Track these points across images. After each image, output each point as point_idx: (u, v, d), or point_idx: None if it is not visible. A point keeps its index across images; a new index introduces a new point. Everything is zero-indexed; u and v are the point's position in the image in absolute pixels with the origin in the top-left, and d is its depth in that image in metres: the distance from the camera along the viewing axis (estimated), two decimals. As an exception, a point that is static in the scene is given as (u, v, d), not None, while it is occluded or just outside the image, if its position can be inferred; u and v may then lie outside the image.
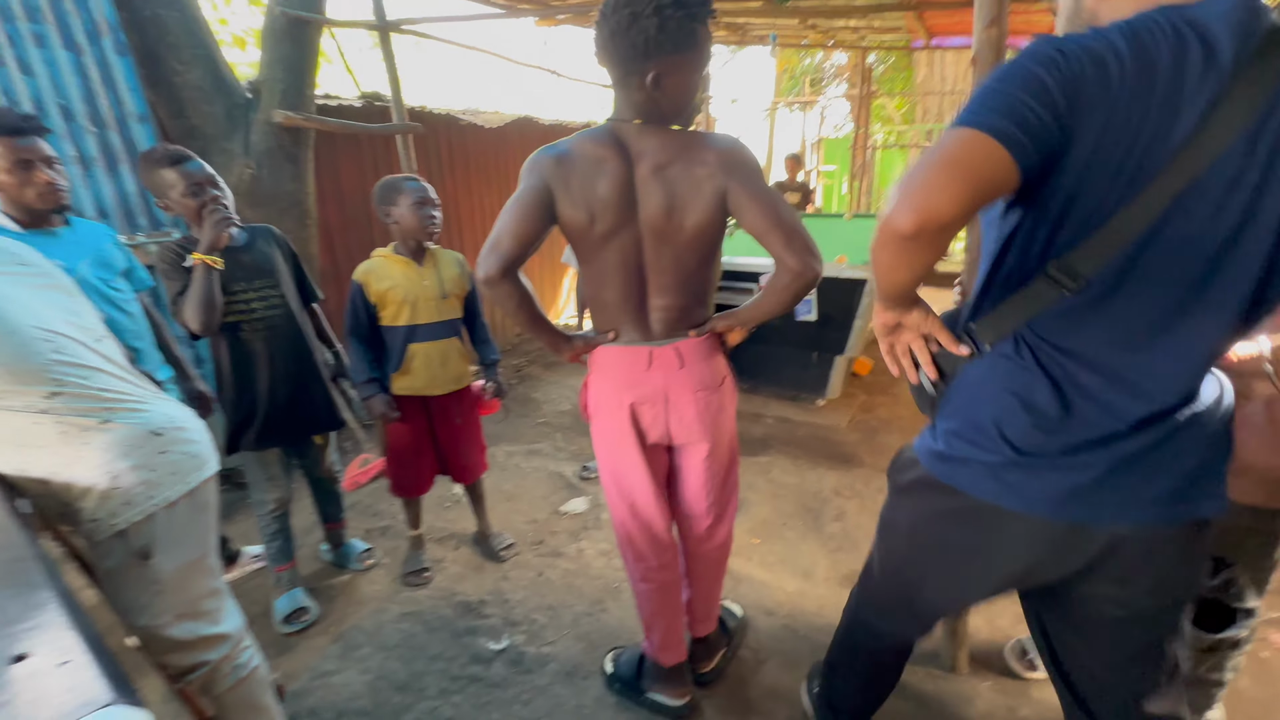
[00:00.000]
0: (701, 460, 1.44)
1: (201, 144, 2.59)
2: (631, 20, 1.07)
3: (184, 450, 1.20)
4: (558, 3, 4.64)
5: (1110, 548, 0.82)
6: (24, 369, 1.01)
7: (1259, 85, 0.63)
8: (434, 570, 2.22)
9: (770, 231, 1.14)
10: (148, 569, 1.13)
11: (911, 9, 4.08)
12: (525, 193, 1.19)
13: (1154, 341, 0.75)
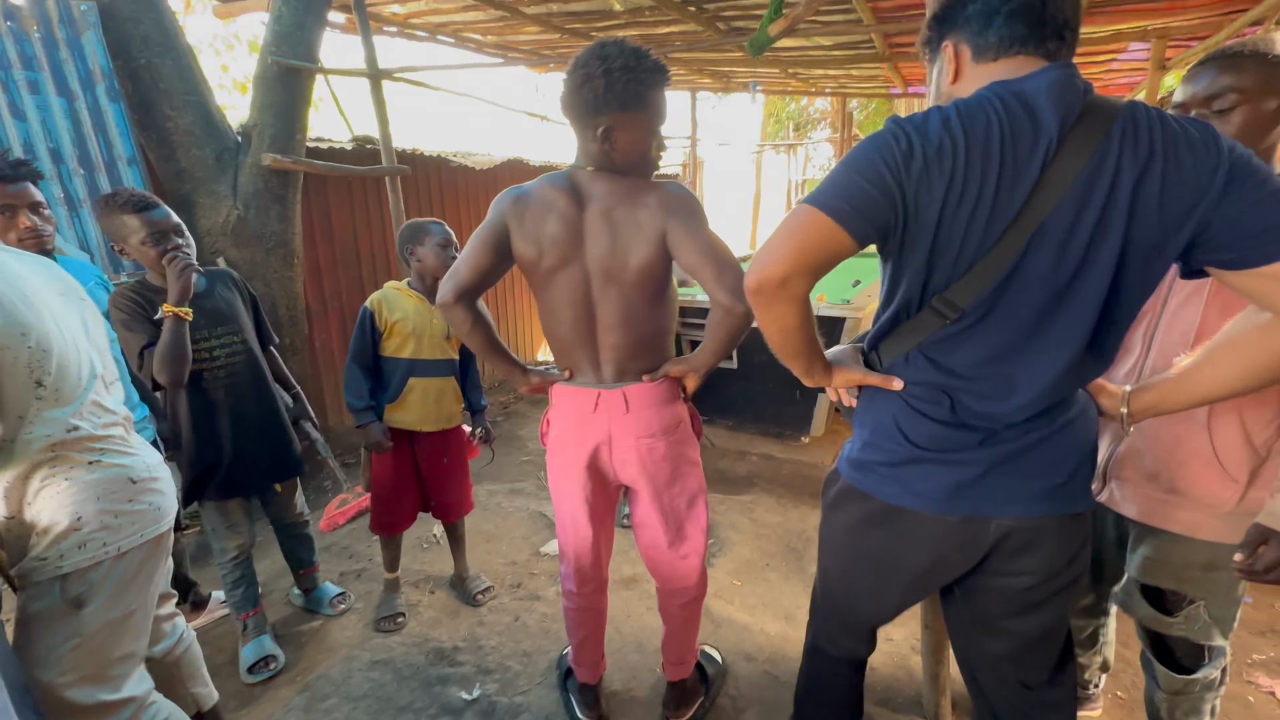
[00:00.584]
0: (648, 504, 1.45)
1: (190, 185, 2.63)
2: (585, 79, 1.17)
3: (150, 501, 1.19)
4: (548, 52, 4.82)
5: (1000, 540, 0.94)
6: (66, 399, 1.07)
7: (1082, 150, 0.76)
8: (408, 615, 2.17)
9: (702, 268, 1.18)
10: (75, 619, 1.08)
11: (885, 61, 4.26)
12: (484, 228, 1.30)
13: (1019, 358, 0.87)
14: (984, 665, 1.09)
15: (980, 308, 0.85)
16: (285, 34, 2.68)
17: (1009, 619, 1.01)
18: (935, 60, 0.94)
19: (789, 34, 2.71)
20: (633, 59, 1.16)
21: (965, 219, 0.81)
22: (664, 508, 1.45)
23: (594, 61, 1.16)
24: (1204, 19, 3.21)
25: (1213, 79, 1.04)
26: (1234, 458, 1.08)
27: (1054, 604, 0.99)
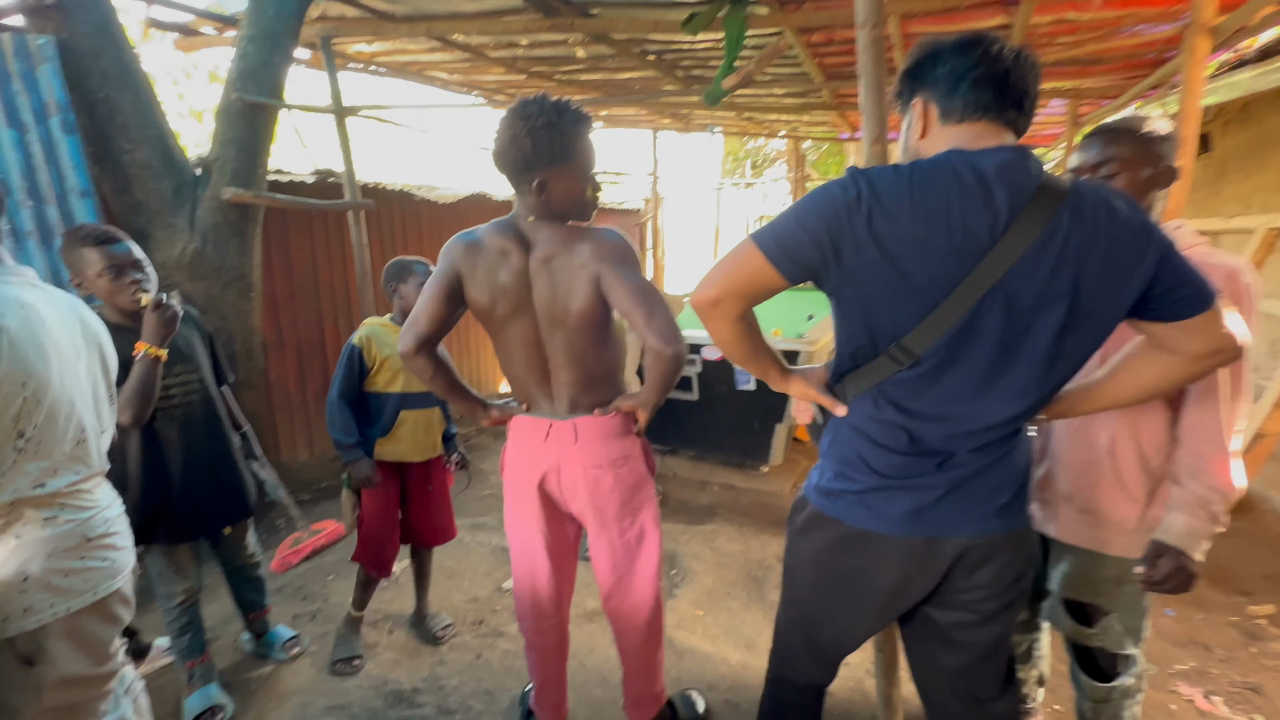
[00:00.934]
0: (595, 535, 1.49)
1: (146, 219, 2.59)
2: (512, 140, 1.25)
3: (104, 557, 1.15)
4: (513, 91, 4.94)
5: (957, 559, 1.00)
6: (44, 454, 1.06)
7: (1030, 228, 0.84)
8: (366, 656, 2.11)
9: (632, 313, 1.25)
10: (29, 674, 1.05)
11: (833, 109, 4.54)
12: (438, 278, 1.36)
13: (974, 401, 0.94)
14: (939, 680, 1.14)
15: (934, 356, 0.91)
16: (250, 70, 2.71)
17: (965, 631, 1.07)
18: (905, 113, 1.00)
19: (743, 86, 2.89)
20: (554, 114, 1.23)
21: (910, 273, 0.87)
22: (612, 541, 1.47)
23: (518, 122, 1.23)
24: (1111, 82, 3.57)
25: (1099, 150, 1.19)
26: (1134, 479, 1.20)
27: (1005, 616, 1.06)
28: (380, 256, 4.43)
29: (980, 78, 0.89)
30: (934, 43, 0.95)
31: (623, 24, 2.75)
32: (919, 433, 0.96)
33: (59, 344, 1.10)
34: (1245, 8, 1.96)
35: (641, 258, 2.99)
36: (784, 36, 2.73)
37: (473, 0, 2.82)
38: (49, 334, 1.08)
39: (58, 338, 1.10)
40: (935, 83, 0.93)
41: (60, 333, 1.12)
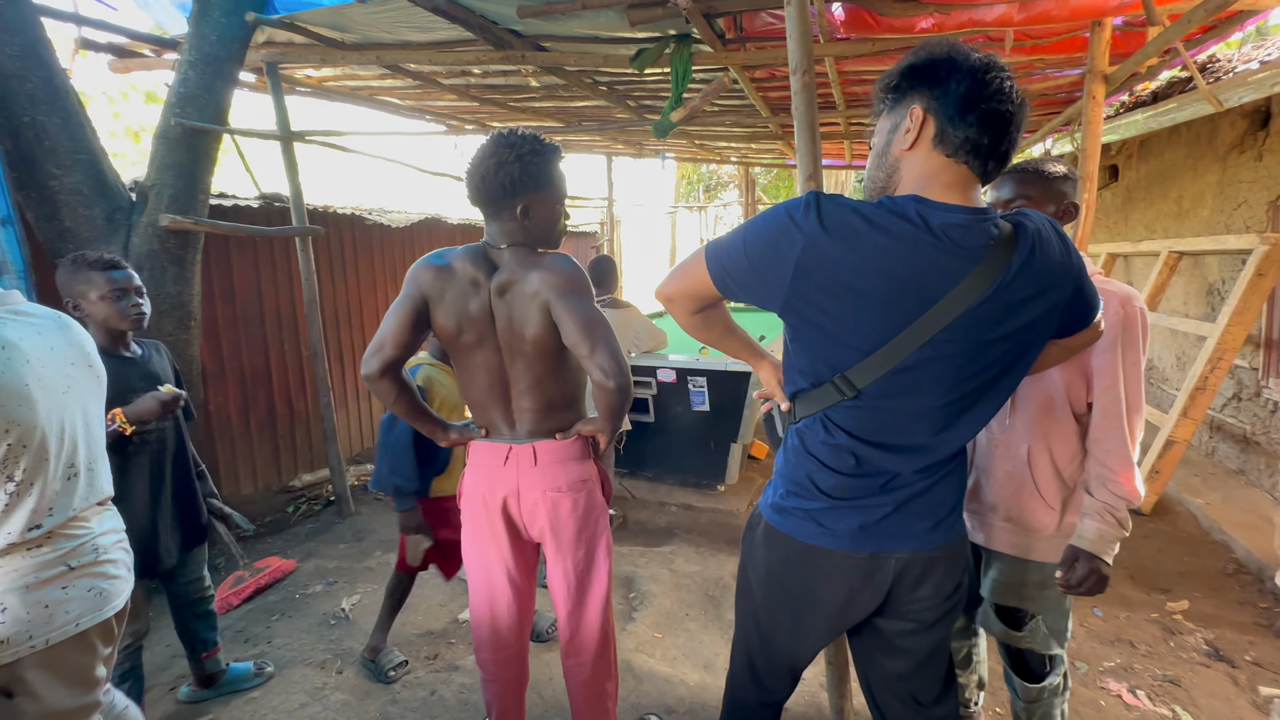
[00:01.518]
0: (553, 560, 1.49)
1: (75, 246, 2.47)
2: (499, 165, 1.29)
3: (90, 586, 1.13)
4: (466, 116, 4.97)
5: (900, 573, 1.04)
6: (33, 495, 1.06)
7: (981, 283, 0.87)
8: (313, 700, 2.03)
9: (577, 345, 1.29)
10: (8, 707, 1.04)
11: (779, 139, 4.75)
12: (404, 302, 1.35)
13: (917, 427, 0.98)
14: (883, 686, 1.18)
15: (875, 391, 0.93)
16: (191, 96, 2.65)
17: (907, 639, 1.11)
18: (893, 113, 0.94)
19: (691, 119, 3.01)
20: (536, 144, 1.33)
21: (852, 312, 0.89)
22: (567, 567, 1.48)
23: (504, 150, 1.30)
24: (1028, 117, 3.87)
25: (1010, 189, 1.31)
26: (1050, 489, 1.30)
27: (944, 623, 1.11)
28: (329, 281, 4.34)
29: (989, 114, 0.85)
30: (952, 48, 0.89)
31: (573, 58, 2.83)
32: (865, 456, 0.99)
33: (46, 379, 1.10)
34: (1133, 58, 2.18)
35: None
36: (728, 73, 2.86)
37: (422, 31, 2.85)
38: (33, 372, 1.07)
39: (44, 373, 1.10)
40: (944, 98, 0.87)
41: (48, 365, 1.11)
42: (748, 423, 3.20)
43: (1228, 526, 3.00)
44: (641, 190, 21.07)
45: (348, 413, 4.55)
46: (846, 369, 0.94)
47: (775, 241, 0.89)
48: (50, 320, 1.18)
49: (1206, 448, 3.98)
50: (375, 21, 2.75)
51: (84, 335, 1.26)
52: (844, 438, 0.99)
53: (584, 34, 2.71)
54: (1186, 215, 4.02)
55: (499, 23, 2.68)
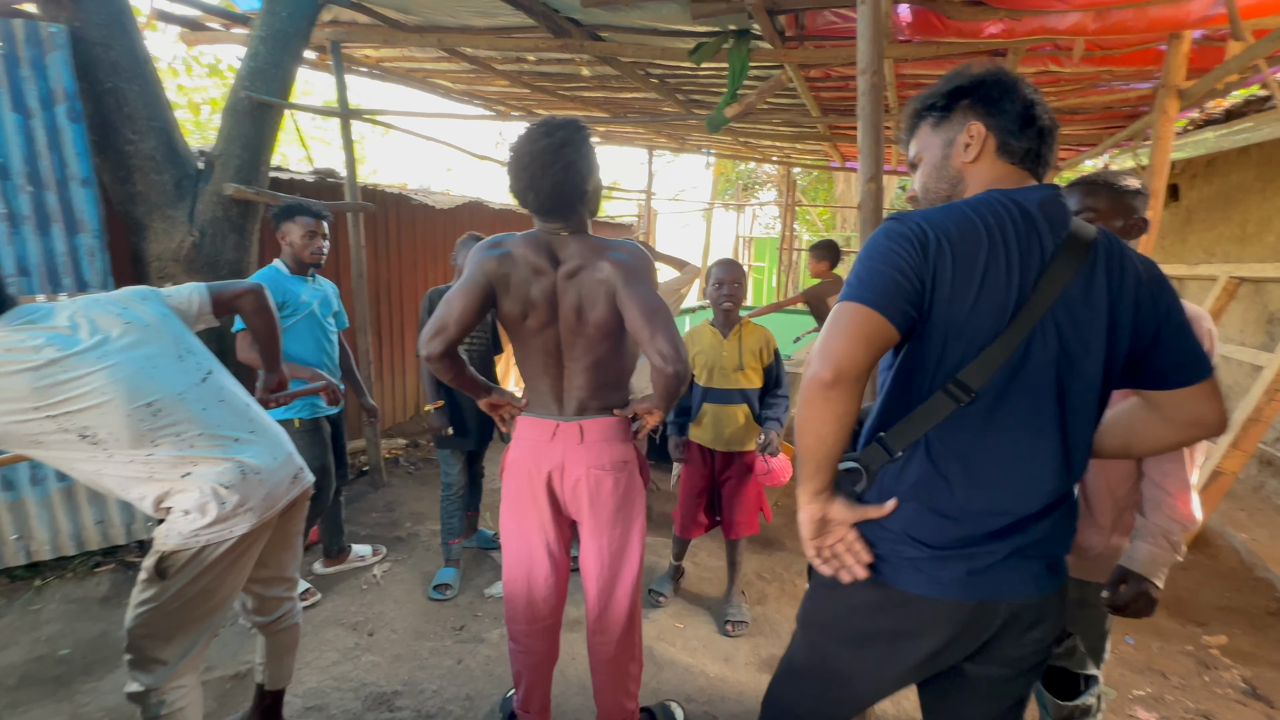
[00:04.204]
0: (589, 538, 1.52)
1: (145, 210, 2.59)
2: (565, 167, 1.35)
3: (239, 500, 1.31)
4: (514, 102, 5.03)
5: (1010, 619, 0.94)
6: (130, 438, 1.24)
7: (1071, 262, 0.86)
8: (345, 659, 2.11)
9: (640, 330, 1.32)
10: (159, 585, 1.27)
11: (826, 140, 4.70)
12: (470, 286, 1.39)
13: (1034, 444, 0.90)
14: None
15: (991, 390, 0.87)
16: (260, 70, 2.74)
17: (1002, 685, 1.01)
18: (941, 129, 0.98)
19: (744, 115, 3.00)
20: (578, 130, 1.39)
21: (972, 303, 0.86)
22: (601, 545, 1.51)
23: (569, 149, 1.35)
24: (1088, 131, 3.76)
25: (1077, 200, 1.29)
26: (1102, 508, 1.28)
27: (1040, 668, 1.03)
28: (373, 258, 4.44)
29: (1042, 129, 0.93)
30: (1000, 73, 0.95)
31: (630, 49, 2.84)
32: (973, 487, 0.90)
33: (109, 345, 1.28)
34: (1212, 74, 2.11)
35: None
36: (785, 70, 2.84)
37: (484, 16, 2.89)
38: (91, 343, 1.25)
39: (108, 338, 1.28)
40: (1000, 113, 0.93)
41: (115, 332, 1.29)
42: (780, 423, 3.18)
43: (1272, 564, 2.90)
44: (678, 185, 20.99)
45: (383, 387, 4.66)
46: (960, 368, 0.88)
47: (904, 250, 0.86)
48: (78, 315, 1.31)
49: (1254, 481, 3.84)
50: (439, 4, 2.80)
51: (147, 300, 1.40)
52: (951, 465, 0.90)
53: (644, 25, 2.72)
54: (1250, 240, 3.87)
55: (560, 10, 2.71)
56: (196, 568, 1.28)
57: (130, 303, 1.37)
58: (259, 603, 1.59)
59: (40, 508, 2.42)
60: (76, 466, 1.26)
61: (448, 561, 2.61)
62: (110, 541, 2.59)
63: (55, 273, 2.38)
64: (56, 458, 1.25)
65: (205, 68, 6.38)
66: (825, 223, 11.94)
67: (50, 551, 2.48)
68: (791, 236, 8.34)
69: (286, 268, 2.38)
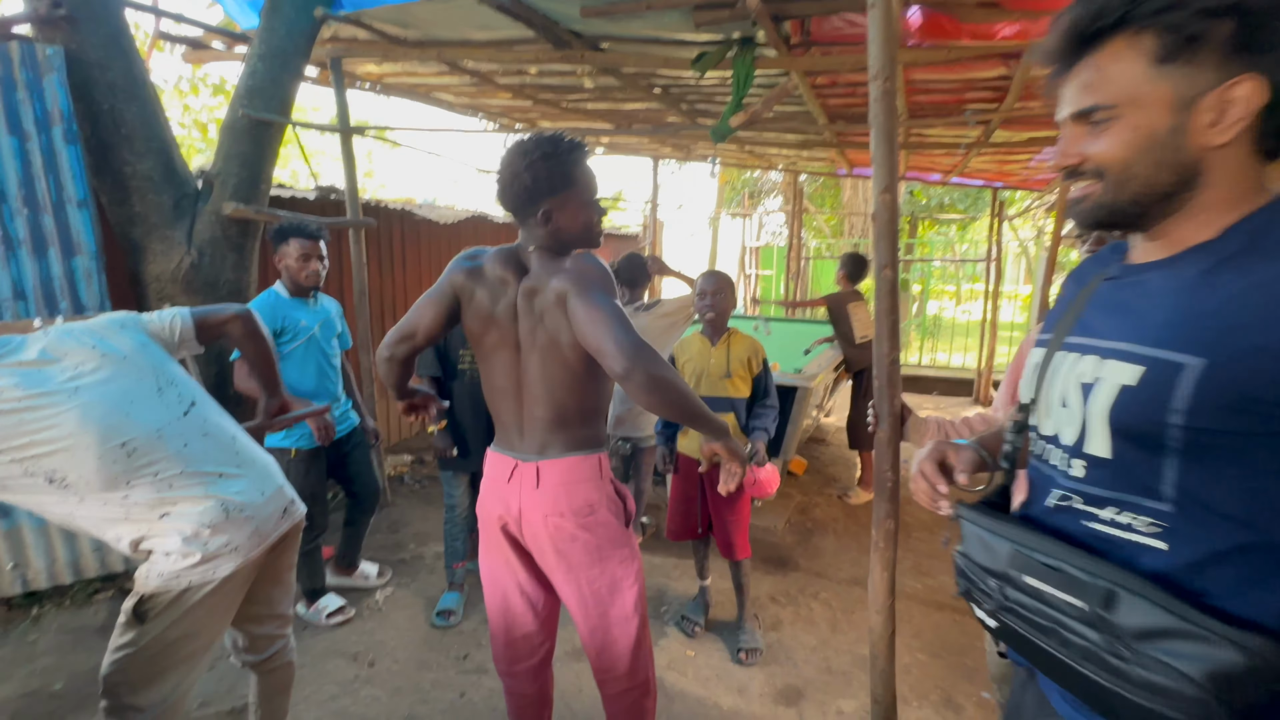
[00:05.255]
0: (562, 584, 1.39)
1: (143, 230, 2.56)
2: (513, 177, 1.27)
3: (225, 541, 1.26)
4: (518, 115, 5.00)
5: None
6: (102, 481, 1.17)
7: None
8: (344, 693, 2.04)
9: (588, 341, 1.21)
10: (137, 630, 1.20)
11: (835, 147, 4.63)
12: (437, 296, 1.36)
13: None
14: None
15: None
16: (259, 88, 2.71)
17: None
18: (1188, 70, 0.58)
19: (750, 124, 2.94)
20: (549, 146, 1.25)
21: None
22: (580, 590, 1.37)
23: (518, 159, 1.26)
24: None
25: None
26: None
27: None
28: (377, 274, 4.41)
29: None
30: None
31: (633, 59, 2.80)
32: None
33: (80, 381, 1.21)
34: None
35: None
36: (790, 78, 2.78)
37: (484, 29, 2.85)
38: (60, 382, 1.19)
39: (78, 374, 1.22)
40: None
41: (87, 367, 1.22)
42: (791, 438, 3.10)
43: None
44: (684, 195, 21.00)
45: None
46: None
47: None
48: (91, 333, 1.27)
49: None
50: (439, 19, 2.76)
51: (128, 329, 1.34)
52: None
53: (645, 35, 2.67)
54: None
55: (561, 22, 2.66)
56: (177, 610, 1.22)
57: (106, 332, 1.30)
58: (249, 640, 1.51)
59: (36, 535, 2.38)
60: (47, 510, 1.20)
61: (451, 586, 2.54)
62: (108, 569, 2.54)
63: (52, 296, 2.35)
64: (25, 501, 1.19)
65: (211, 88, 6.44)
66: (833, 229, 11.84)
67: (47, 580, 2.43)
68: (799, 244, 8.26)
69: (286, 290, 2.35)
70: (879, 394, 1.52)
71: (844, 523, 3.45)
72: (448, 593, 2.53)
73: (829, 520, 3.47)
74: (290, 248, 2.28)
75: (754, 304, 7.64)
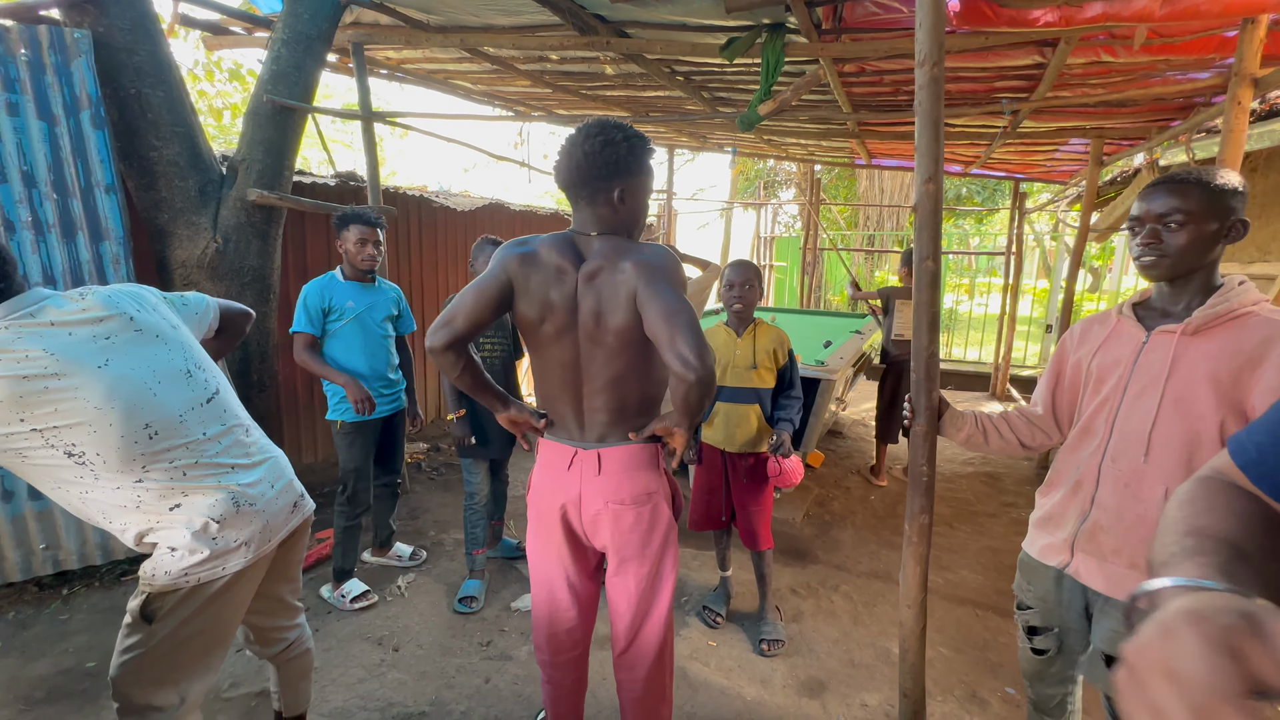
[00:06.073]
0: (614, 574, 1.42)
1: (169, 216, 2.56)
2: (604, 145, 1.25)
3: (236, 537, 1.23)
4: (535, 103, 4.96)
5: None
6: (120, 461, 1.14)
7: None
8: (370, 676, 2.06)
9: (657, 333, 1.19)
10: (145, 631, 1.17)
11: (855, 137, 4.56)
12: (488, 282, 1.30)
13: None
14: None
15: None
16: (283, 74, 2.70)
17: None
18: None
19: (778, 113, 2.90)
20: (633, 132, 1.29)
21: None
22: (627, 584, 1.40)
23: (611, 130, 1.26)
24: (1136, 124, 3.59)
25: (1164, 200, 1.17)
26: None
27: None
28: (394, 261, 4.41)
29: None
30: None
31: (659, 46, 2.75)
32: None
33: (98, 358, 1.16)
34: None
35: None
36: (820, 65, 2.73)
37: (508, 14, 2.82)
38: (78, 358, 1.13)
39: (92, 354, 1.15)
40: None
41: (95, 346, 1.16)
42: (812, 430, 3.08)
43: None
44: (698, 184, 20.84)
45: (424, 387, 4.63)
46: None
47: None
48: (109, 301, 1.22)
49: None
50: (461, 3, 2.73)
51: (148, 304, 1.29)
52: None
53: (673, 20, 2.62)
54: (1310, 237, 3.66)
55: (588, 7, 2.63)
56: (188, 609, 1.19)
57: (143, 302, 1.27)
58: (259, 634, 1.50)
59: (66, 518, 2.41)
60: (62, 489, 1.15)
61: (472, 573, 2.56)
62: (137, 552, 2.57)
63: (80, 280, 2.36)
64: (42, 478, 1.14)
65: (226, 73, 6.43)
66: (847, 221, 11.72)
67: (77, 561, 2.47)
68: (814, 236, 8.18)
69: (343, 274, 2.44)
70: (916, 387, 1.50)
71: (862, 516, 3.43)
72: (469, 579, 2.55)
73: (847, 513, 3.46)
74: (350, 233, 2.37)
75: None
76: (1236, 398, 1.13)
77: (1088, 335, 1.39)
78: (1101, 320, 1.38)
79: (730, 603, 2.52)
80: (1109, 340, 1.33)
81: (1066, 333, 1.46)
